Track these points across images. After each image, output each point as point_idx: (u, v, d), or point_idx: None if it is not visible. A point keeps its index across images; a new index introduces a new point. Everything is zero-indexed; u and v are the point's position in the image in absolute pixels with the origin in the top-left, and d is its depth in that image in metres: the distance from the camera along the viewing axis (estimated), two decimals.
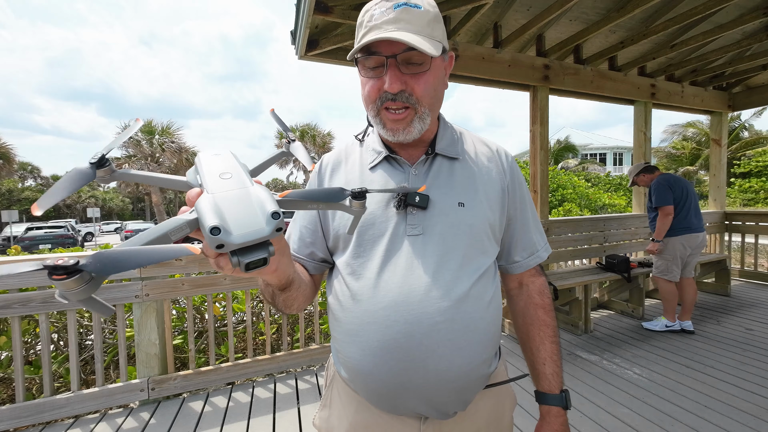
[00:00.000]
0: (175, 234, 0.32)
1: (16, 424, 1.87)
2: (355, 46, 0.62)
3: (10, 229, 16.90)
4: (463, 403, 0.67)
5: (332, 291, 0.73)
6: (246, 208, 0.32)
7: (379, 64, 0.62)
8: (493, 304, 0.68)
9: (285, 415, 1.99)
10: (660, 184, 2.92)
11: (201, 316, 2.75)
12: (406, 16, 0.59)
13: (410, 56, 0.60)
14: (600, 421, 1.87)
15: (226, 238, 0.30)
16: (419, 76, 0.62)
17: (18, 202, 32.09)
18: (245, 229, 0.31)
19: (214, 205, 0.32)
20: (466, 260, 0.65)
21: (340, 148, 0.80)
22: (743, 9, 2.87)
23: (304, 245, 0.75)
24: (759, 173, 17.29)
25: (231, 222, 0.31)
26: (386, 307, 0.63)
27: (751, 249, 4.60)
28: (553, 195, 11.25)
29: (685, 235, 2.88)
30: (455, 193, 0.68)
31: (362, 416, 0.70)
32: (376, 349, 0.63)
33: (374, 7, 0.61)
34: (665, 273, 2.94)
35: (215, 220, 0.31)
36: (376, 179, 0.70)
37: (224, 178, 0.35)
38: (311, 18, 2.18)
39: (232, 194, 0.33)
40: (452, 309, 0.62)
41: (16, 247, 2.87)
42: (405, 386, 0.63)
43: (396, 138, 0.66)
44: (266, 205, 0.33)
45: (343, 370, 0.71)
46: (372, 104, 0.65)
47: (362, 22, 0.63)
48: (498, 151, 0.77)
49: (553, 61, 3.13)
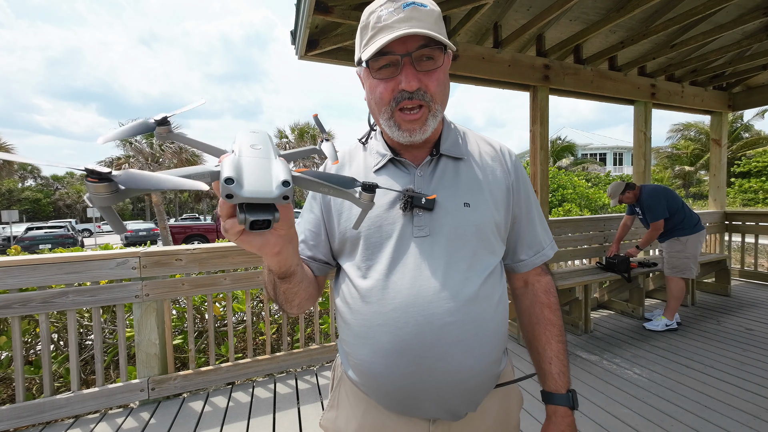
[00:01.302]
0: (197, 178, 0.35)
1: (16, 424, 1.87)
2: (366, 49, 0.61)
3: (10, 229, 16.90)
4: (474, 403, 0.67)
5: (340, 294, 0.72)
6: (262, 172, 0.36)
7: (390, 63, 0.61)
8: (501, 304, 0.69)
9: (285, 415, 1.99)
10: (655, 196, 2.98)
11: (201, 316, 2.75)
12: (417, 14, 0.59)
13: (424, 53, 0.61)
14: (600, 421, 1.87)
15: (237, 190, 0.34)
16: (432, 73, 0.62)
17: (18, 202, 32.08)
18: (256, 187, 0.34)
19: (236, 163, 0.36)
20: (473, 260, 0.65)
21: (344, 151, 0.79)
22: (743, 9, 2.87)
23: (307, 247, 0.75)
24: (759, 173, 17.30)
25: (246, 178, 0.35)
26: (396, 309, 0.63)
27: (751, 249, 4.60)
28: (553, 195, 11.26)
29: (701, 231, 2.98)
30: (461, 193, 0.68)
31: (371, 417, 0.69)
32: (387, 351, 0.63)
33: (380, 9, 0.61)
34: (683, 272, 2.97)
35: (232, 172, 0.34)
36: (381, 182, 0.70)
37: (254, 148, 0.39)
38: (311, 18, 2.18)
39: (254, 160, 0.37)
40: (462, 309, 0.62)
41: (16, 247, 2.87)
42: (417, 388, 0.63)
43: (413, 138, 0.65)
44: (280, 174, 0.36)
45: (353, 373, 0.71)
46: (386, 106, 0.64)
47: (368, 24, 0.61)
48: (502, 150, 0.77)
49: (553, 61, 3.13)
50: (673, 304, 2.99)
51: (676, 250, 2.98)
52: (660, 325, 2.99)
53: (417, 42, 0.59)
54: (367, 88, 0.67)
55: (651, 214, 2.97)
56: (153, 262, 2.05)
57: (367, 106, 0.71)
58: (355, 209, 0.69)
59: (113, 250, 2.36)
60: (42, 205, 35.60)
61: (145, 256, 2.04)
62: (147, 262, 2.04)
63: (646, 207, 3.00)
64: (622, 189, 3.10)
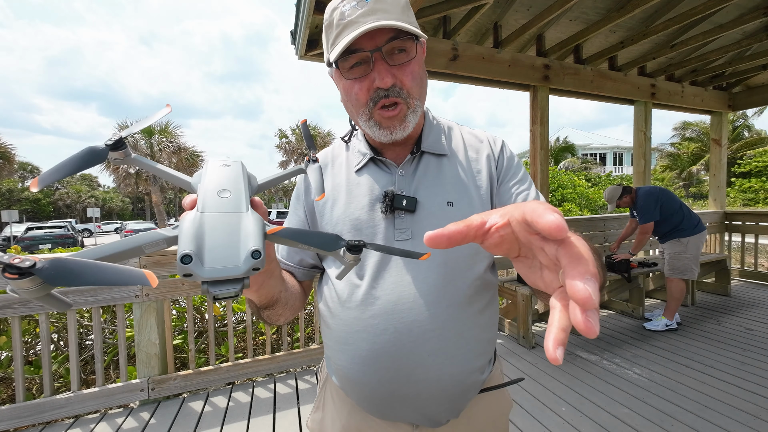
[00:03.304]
0: (150, 248, 0.30)
1: (16, 424, 1.87)
2: (333, 49, 0.56)
3: (10, 229, 16.91)
4: (455, 411, 0.65)
5: (322, 298, 0.71)
6: (228, 238, 0.30)
7: (360, 61, 0.57)
8: (487, 311, 0.66)
9: (285, 415, 1.99)
10: (648, 198, 2.96)
11: (201, 316, 2.75)
12: (381, 5, 0.55)
13: (395, 46, 0.57)
14: (600, 421, 1.87)
15: (196, 269, 0.28)
16: (406, 66, 0.58)
17: (18, 202, 32.10)
18: (219, 264, 0.29)
19: (197, 228, 0.30)
20: (457, 264, 0.63)
21: (327, 151, 0.77)
22: (743, 9, 2.87)
23: (294, 251, 0.72)
24: (759, 173, 17.30)
25: (207, 251, 0.29)
26: (375, 315, 0.61)
27: (751, 249, 4.60)
28: (553, 195, 11.26)
29: (702, 232, 2.97)
30: (444, 192, 0.65)
31: (355, 420, 0.69)
32: (366, 358, 0.62)
33: (341, 4, 0.56)
34: (684, 273, 2.96)
35: (191, 246, 0.29)
36: (363, 182, 0.68)
37: (222, 196, 0.33)
38: (311, 18, 2.18)
39: (220, 218, 0.32)
40: (443, 317, 0.60)
41: (16, 247, 2.87)
42: (395, 395, 0.62)
43: (393, 136, 0.62)
44: (250, 240, 0.30)
45: (335, 377, 0.71)
46: (363, 107, 0.60)
47: (332, 22, 0.57)
48: (488, 139, 0.72)
49: (553, 61, 3.13)
50: (673, 305, 2.99)
51: (677, 252, 2.98)
52: (660, 325, 2.99)
53: (386, 35, 0.55)
54: (341, 90, 0.63)
55: (641, 217, 2.96)
56: (153, 262, 2.05)
57: (345, 108, 0.66)
58: (336, 210, 0.67)
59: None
60: (42, 205, 35.62)
61: (145, 256, 2.03)
62: (147, 262, 2.04)
63: (638, 209, 3.00)
64: (619, 194, 3.09)
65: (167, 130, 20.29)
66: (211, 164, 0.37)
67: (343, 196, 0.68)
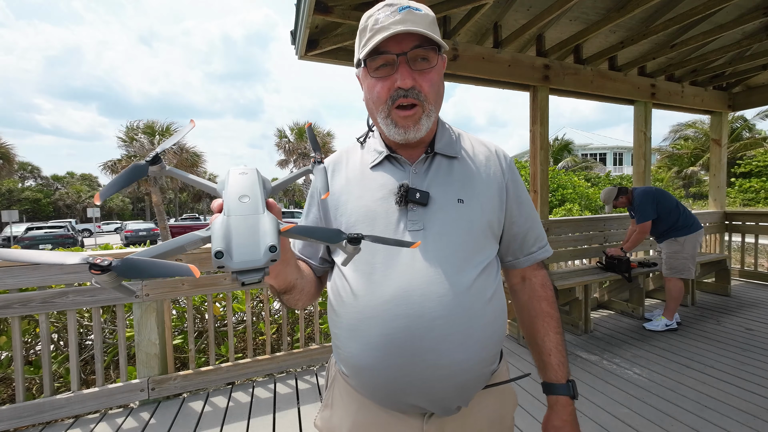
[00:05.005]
0: (191, 246, 0.38)
1: (16, 424, 1.87)
2: (364, 50, 0.64)
3: (10, 229, 16.91)
4: (465, 399, 0.67)
5: (332, 287, 0.74)
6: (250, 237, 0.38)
7: (386, 63, 0.64)
8: (494, 301, 0.69)
9: (285, 416, 1.99)
10: (644, 197, 2.97)
11: (201, 316, 2.75)
12: (412, 17, 0.62)
13: (418, 54, 0.63)
14: (600, 421, 1.87)
15: (227, 263, 0.36)
16: (426, 73, 0.65)
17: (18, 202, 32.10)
18: (244, 257, 0.37)
19: (225, 229, 0.38)
20: (466, 255, 0.66)
21: (341, 150, 0.82)
22: (743, 9, 2.87)
23: (308, 244, 0.79)
24: (759, 173, 17.29)
25: (234, 248, 0.37)
26: (387, 301, 0.64)
27: (751, 249, 4.60)
28: (553, 195, 11.26)
29: (698, 231, 2.98)
30: (454, 190, 0.70)
31: (364, 416, 0.70)
32: (377, 344, 0.64)
33: (378, 12, 0.64)
34: (681, 272, 2.97)
35: (222, 244, 0.37)
36: (377, 177, 0.72)
37: (242, 201, 0.41)
38: (311, 18, 2.18)
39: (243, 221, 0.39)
40: (453, 303, 0.63)
41: (16, 247, 2.87)
42: (406, 381, 0.63)
43: (407, 135, 0.67)
44: (267, 237, 0.38)
45: (344, 367, 0.72)
46: (383, 105, 0.66)
47: (366, 27, 0.65)
48: (497, 152, 0.79)
49: (553, 61, 3.13)
50: (673, 305, 2.99)
51: (673, 251, 2.98)
52: (660, 325, 2.99)
53: (412, 42, 0.62)
54: (365, 88, 0.70)
55: (638, 216, 2.98)
56: None
57: (366, 107, 0.73)
58: (351, 202, 0.72)
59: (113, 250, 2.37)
60: (42, 205, 35.62)
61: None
62: None
63: (635, 208, 3.02)
64: (615, 195, 3.10)
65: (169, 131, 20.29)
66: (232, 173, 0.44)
67: (357, 190, 0.73)
